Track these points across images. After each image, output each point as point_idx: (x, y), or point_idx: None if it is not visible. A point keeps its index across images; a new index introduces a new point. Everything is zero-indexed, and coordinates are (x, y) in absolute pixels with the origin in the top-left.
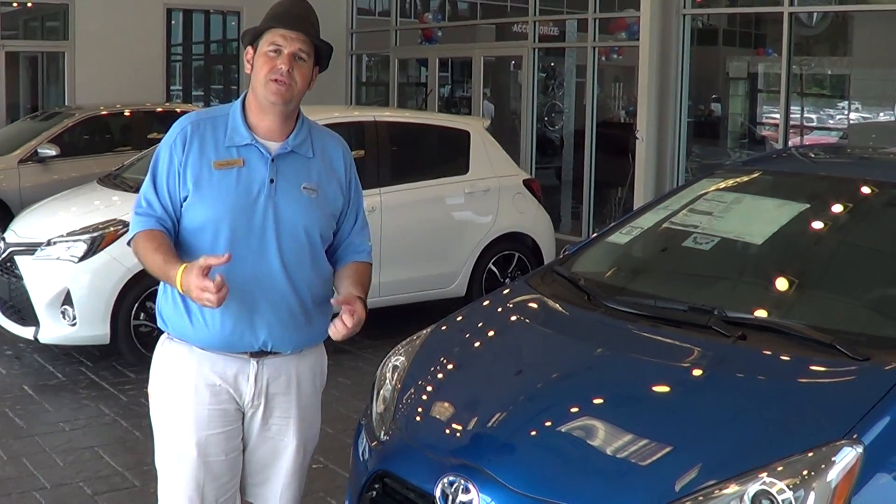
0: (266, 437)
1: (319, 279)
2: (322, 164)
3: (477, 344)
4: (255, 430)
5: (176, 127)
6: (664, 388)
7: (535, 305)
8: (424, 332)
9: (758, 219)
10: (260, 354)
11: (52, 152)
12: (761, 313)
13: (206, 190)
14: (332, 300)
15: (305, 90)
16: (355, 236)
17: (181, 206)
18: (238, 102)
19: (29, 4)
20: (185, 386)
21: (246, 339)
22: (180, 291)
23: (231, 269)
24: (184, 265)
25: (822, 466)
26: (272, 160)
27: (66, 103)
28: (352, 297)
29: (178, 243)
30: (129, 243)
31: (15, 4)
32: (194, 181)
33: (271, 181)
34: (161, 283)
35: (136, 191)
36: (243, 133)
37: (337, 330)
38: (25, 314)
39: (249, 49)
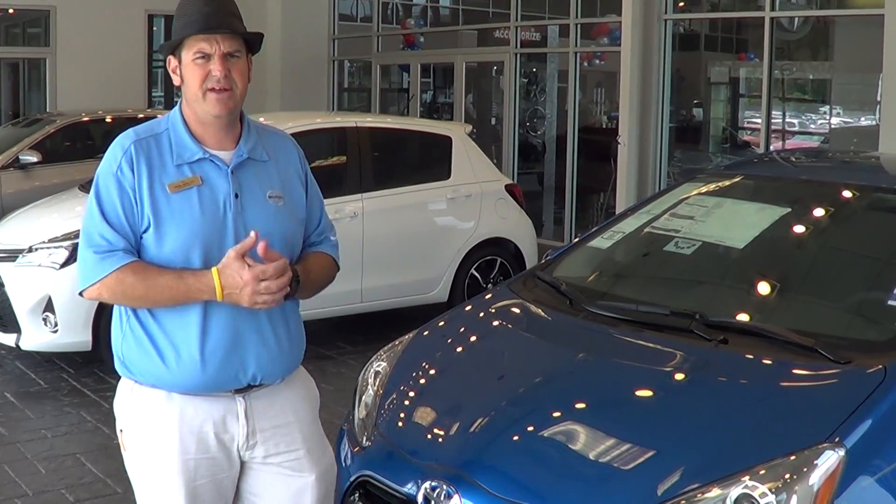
0: (281, 480)
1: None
2: (278, 166)
3: (459, 349)
4: (266, 474)
5: (116, 151)
6: (646, 393)
7: (517, 310)
8: (406, 337)
9: (739, 223)
10: (245, 389)
11: (34, 159)
12: (743, 317)
13: (166, 218)
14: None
15: (247, 88)
16: (316, 237)
17: (140, 239)
18: (176, 115)
19: (10, 11)
20: (166, 438)
21: (234, 374)
22: (219, 299)
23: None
24: (215, 268)
25: (805, 470)
26: (231, 172)
27: (48, 110)
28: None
29: None
30: (81, 293)
31: None
32: (152, 210)
33: (236, 196)
34: (117, 325)
35: None
36: (192, 147)
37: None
38: (7, 321)
39: (171, 59)
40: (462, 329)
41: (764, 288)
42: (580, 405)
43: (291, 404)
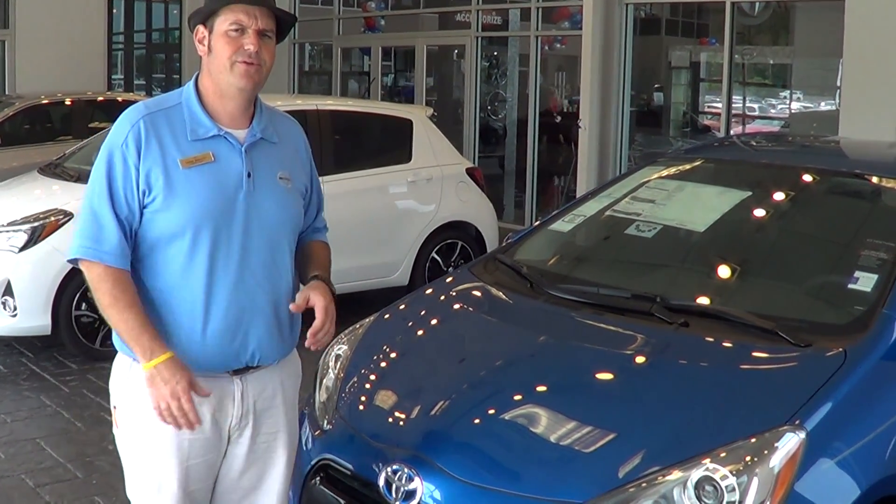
0: (254, 459)
1: (294, 278)
2: (287, 149)
3: (420, 332)
4: (243, 453)
5: (124, 124)
6: (607, 376)
7: (477, 293)
8: (367, 320)
9: (700, 206)
10: (242, 371)
11: None
12: (703, 300)
13: (177, 192)
14: (291, 307)
15: (269, 72)
16: (319, 221)
17: (141, 217)
18: (190, 89)
19: None
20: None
21: (235, 353)
22: (145, 372)
23: (215, 277)
24: (171, 354)
25: (765, 452)
26: (245, 151)
27: (7, 92)
28: (312, 292)
29: (142, 257)
30: (71, 261)
31: None
32: (163, 185)
33: (248, 175)
34: None
35: (78, 180)
36: (206, 123)
37: (316, 339)
38: None
39: (201, 28)
40: (423, 312)
41: (724, 271)
42: (541, 388)
43: (281, 386)
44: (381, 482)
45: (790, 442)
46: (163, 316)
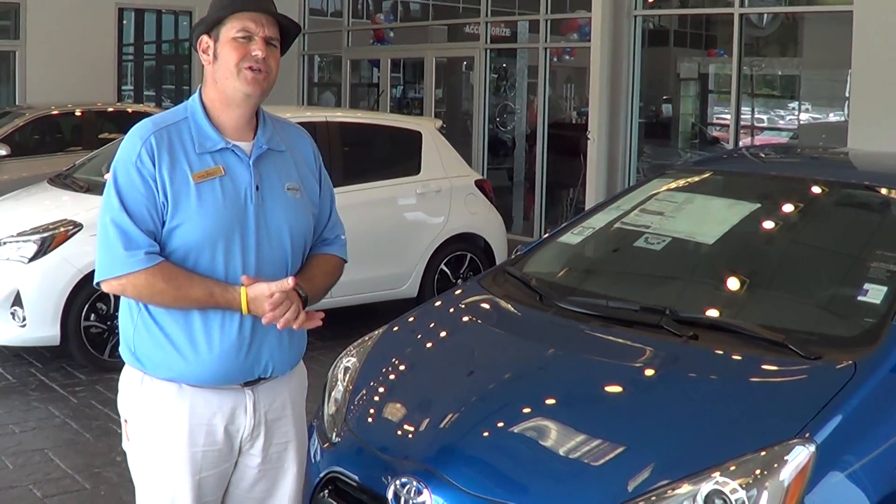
0: (266, 470)
1: None
2: (294, 157)
3: (429, 345)
4: (255, 463)
5: (135, 141)
6: (617, 389)
7: (486, 306)
8: (376, 332)
9: (709, 219)
10: (254, 382)
11: (3, 152)
12: (713, 313)
13: (191, 208)
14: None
15: (274, 81)
16: (328, 232)
17: (162, 230)
18: (195, 103)
19: None
20: (176, 431)
21: (249, 367)
22: (245, 312)
23: None
24: (244, 288)
25: (775, 465)
26: (252, 164)
27: (17, 103)
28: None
29: None
30: (98, 284)
31: None
32: (174, 200)
33: (257, 188)
34: (127, 317)
35: (88, 191)
36: (213, 136)
37: (274, 315)
38: None
39: (205, 38)
40: (432, 325)
41: (734, 283)
42: (550, 401)
43: (290, 396)
44: (390, 495)
45: (800, 455)
46: (176, 333)
